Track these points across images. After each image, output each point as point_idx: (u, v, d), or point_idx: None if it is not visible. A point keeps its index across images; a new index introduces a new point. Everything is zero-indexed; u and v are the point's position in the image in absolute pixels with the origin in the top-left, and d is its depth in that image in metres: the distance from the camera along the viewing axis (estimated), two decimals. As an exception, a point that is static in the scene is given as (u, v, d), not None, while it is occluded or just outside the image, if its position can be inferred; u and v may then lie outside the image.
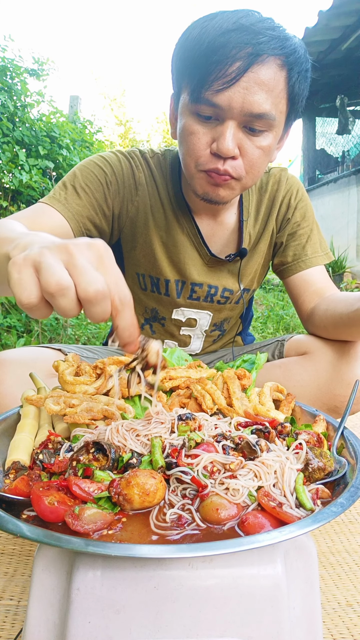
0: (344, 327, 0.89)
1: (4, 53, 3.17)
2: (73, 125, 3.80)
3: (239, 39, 0.74)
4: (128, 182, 0.99)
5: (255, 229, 1.07)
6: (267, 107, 0.78)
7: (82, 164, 0.98)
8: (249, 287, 1.12)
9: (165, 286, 1.05)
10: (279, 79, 0.78)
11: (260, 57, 0.75)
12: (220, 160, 0.82)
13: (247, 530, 0.45)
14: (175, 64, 0.85)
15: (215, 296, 1.07)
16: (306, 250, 1.06)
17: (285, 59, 0.77)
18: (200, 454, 0.51)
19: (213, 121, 0.80)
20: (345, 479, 0.53)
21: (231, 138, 0.79)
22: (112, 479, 0.49)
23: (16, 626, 0.67)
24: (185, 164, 0.88)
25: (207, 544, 0.41)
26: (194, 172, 0.87)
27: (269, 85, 0.77)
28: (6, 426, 0.67)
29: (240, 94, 0.76)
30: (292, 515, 0.45)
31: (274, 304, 3.90)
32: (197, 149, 0.83)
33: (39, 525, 0.44)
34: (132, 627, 0.42)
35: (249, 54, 0.74)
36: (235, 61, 0.74)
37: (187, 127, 0.83)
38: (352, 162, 6.35)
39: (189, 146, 0.84)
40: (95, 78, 13.99)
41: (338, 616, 0.70)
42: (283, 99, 0.81)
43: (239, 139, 0.81)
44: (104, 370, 0.74)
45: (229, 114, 0.78)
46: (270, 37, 0.75)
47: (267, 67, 0.76)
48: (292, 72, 0.79)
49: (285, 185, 1.06)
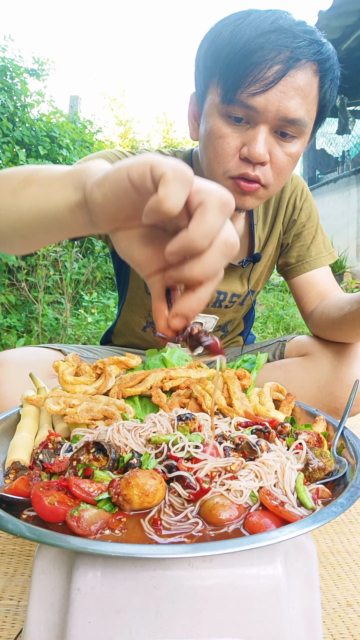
0: (337, 331, 0.91)
1: (4, 53, 3.17)
2: (73, 125, 3.80)
3: (278, 42, 0.72)
4: None
5: (264, 232, 1.06)
6: (301, 113, 0.76)
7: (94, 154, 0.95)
8: (254, 288, 1.12)
9: None
10: (313, 85, 0.77)
11: (299, 62, 0.73)
12: (250, 166, 0.79)
13: (252, 529, 0.45)
14: (204, 63, 0.81)
15: (224, 302, 1.07)
16: (310, 252, 1.05)
17: (320, 65, 0.76)
18: (202, 459, 0.51)
19: (244, 125, 0.78)
20: (346, 478, 0.54)
21: (263, 143, 0.77)
22: (112, 479, 0.49)
23: (16, 626, 0.67)
24: (211, 169, 0.84)
25: (207, 544, 0.41)
26: (220, 180, 0.82)
27: (305, 91, 0.76)
28: (6, 426, 0.67)
29: (277, 98, 0.74)
30: (295, 514, 0.45)
31: (274, 304, 3.90)
32: (226, 154, 0.80)
33: (39, 525, 0.44)
34: (132, 627, 0.42)
35: (289, 58, 0.72)
36: (275, 64, 0.72)
37: (215, 129, 0.80)
38: (352, 162, 6.35)
39: (217, 150, 0.80)
40: (95, 78, 13.99)
41: (338, 616, 0.70)
42: (314, 106, 0.80)
43: (270, 144, 0.79)
44: (104, 370, 0.74)
45: (262, 117, 0.76)
46: (309, 42, 0.74)
47: (304, 73, 0.75)
48: (325, 79, 0.78)
49: (290, 186, 1.05)
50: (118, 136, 10.32)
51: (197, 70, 0.84)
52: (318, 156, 7.49)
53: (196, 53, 0.83)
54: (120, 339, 1.18)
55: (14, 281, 2.66)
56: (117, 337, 1.19)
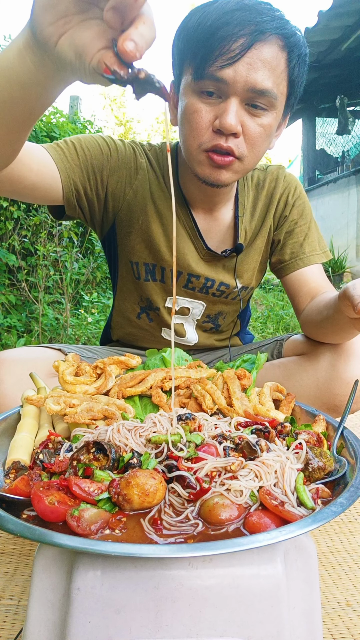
0: (321, 334, 0.93)
1: (4, 53, 3.16)
2: (73, 126, 3.80)
3: (243, 17, 0.76)
4: (128, 164, 0.98)
5: (251, 225, 1.06)
6: (269, 84, 0.80)
7: (87, 135, 0.97)
8: (247, 284, 1.12)
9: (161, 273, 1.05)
10: (280, 59, 0.80)
11: (264, 35, 0.77)
12: (222, 137, 0.82)
13: (252, 529, 0.45)
14: (177, 48, 0.86)
15: (211, 289, 1.07)
16: (304, 249, 1.05)
17: (285, 40, 0.80)
18: (202, 459, 0.51)
19: (215, 99, 0.81)
20: (345, 478, 0.54)
21: (234, 114, 0.80)
22: (112, 479, 0.49)
23: (16, 626, 0.67)
24: (187, 145, 0.87)
25: (207, 544, 0.41)
26: (196, 154, 0.86)
27: (272, 64, 0.79)
28: (6, 426, 0.67)
29: (244, 69, 0.77)
30: (295, 513, 0.45)
31: (274, 304, 3.90)
32: (200, 127, 0.83)
33: (39, 525, 0.44)
34: (132, 626, 0.42)
35: (253, 31, 0.76)
36: (239, 37, 0.76)
37: (189, 106, 0.83)
38: (352, 162, 6.35)
39: (191, 125, 0.84)
40: (95, 78, 13.95)
41: (338, 616, 0.70)
42: (284, 80, 0.83)
43: (241, 115, 0.81)
44: (104, 370, 0.74)
45: (232, 89, 0.79)
46: (273, 17, 0.78)
47: (270, 46, 0.78)
48: (292, 54, 0.81)
49: (283, 183, 1.06)
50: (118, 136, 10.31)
51: (172, 57, 0.88)
52: (318, 156, 7.49)
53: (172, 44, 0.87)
54: (118, 330, 1.18)
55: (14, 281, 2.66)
56: (115, 330, 1.19)
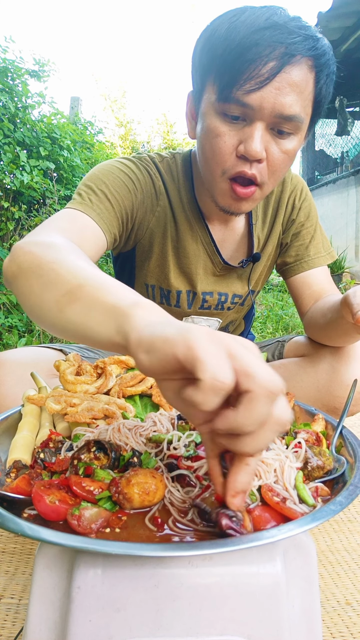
0: (325, 337, 0.93)
1: (5, 54, 3.18)
2: (74, 127, 3.81)
3: (273, 38, 0.71)
4: (151, 192, 0.95)
5: (263, 232, 1.06)
6: (297, 109, 0.76)
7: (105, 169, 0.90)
8: (255, 288, 1.12)
9: (176, 298, 1.02)
10: (308, 81, 0.76)
11: (294, 58, 0.73)
12: (247, 164, 0.79)
13: (253, 525, 0.45)
14: (200, 61, 0.80)
15: (226, 303, 1.06)
16: (309, 251, 1.04)
17: (315, 60, 0.76)
18: (202, 457, 0.52)
19: (240, 122, 0.78)
20: (344, 477, 0.54)
21: (260, 140, 0.77)
22: (112, 478, 0.49)
23: (17, 625, 0.67)
24: (209, 168, 0.84)
25: (206, 542, 0.42)
26: (218, 180, 0.83)
27: (300, 87, 0.75)
28: (7, 425, 0.67)
29: (272, 95, 0.74)
30: (296, 510, 0.46)
31: (274, 304, 3.90)
32: (223, 152, 0.79)
33: (40, 523, 0.44)
34: (133, 625, 0.42)
35: (283, 54, 0.72)
36: (269, 61, 0.72)
37: (212, 128, 0.79)
38: (351, 163, 6.35)
39: (214, 149, 0.80)
40: (96, 79, 13.97)
41: (337, 615, 0.71)
42: (310, 102, 0.79)
43: (266, 141, 0.78)
44: (105, 369, 0.75)
45: (258, 114, 0.75)
46: (304, 37, 0.73)
47: (299, 69, 0.74)
48: (321, 74, 0.77)
49: (289, 186, 1.04)
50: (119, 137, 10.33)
51: (193, 68, 0.84)
52: (317, 157, 7.50)
53: (193, 51, 0.83)
54: None
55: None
56: None
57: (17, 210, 2.76)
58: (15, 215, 2.74)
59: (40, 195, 3.32)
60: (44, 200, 3.32)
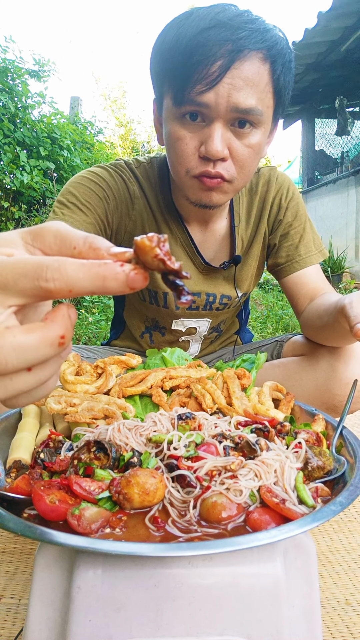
0: (322, 338, 0.93)
1: (5, 54, 3.18)
2: (74, 127, 3.81)
3: (218, 36, 0.71)
4: (124, 197, 0.96)
5: (247, 232, 1.05)
6: (252, 103, 0.76)
7: (75, 182, 0.94)
8: (246, 291, 1.11)
9: (163, 299, 1.03)
10: (262, 73, 0.76)
11: (242, 53, 0.73)
12: (210, 163, 0.79)
13: (252, 526, 0.45)
14: (154, 68, 0.82)
15: (214, 304, 1.06)
16: (299, 251, 1.03)
17: (267, 52, 0.75)
18: (202, 458, 0.52)
19: (199, 123, 0.78)
20: (344, 477, 0.54)
21: (219, 139, 0.76)
22: (112, 478, 0.49)
23: (17, 625, 0.67)
24: (175, 171, 0.85)
25: (207, 543, 0.42)
26: (185, 180, 0.84)
27: (254, 80, 0.75)
28: (7, 425, 0.67)
29: (225, 91, 0.74)
30: (296, 511, 0.46)
31: (273, 304, 3.90)
32: (186, 155, 0.80)
33: (40, 523, 0.44)
34: (133, 625, 0.42)
35: (230, 51, 0.72)
36: (217, 60, 0.72)
37: (173, 132, 0.80)
38: (351, 163, 6.36)
39: (177, 152, 0.81)
40: (96, 79, 14.00)
41: (337, 614, 0.71)
42: (269, 93, 0.79)
43: (228, 139, 0.78)
44: (105, 369, 0.75)
45: (215, 113, 0.76)
46: (250, 31, 0.73)
47: (250, 62, 0.74)
48: (276, 64, 0.77)
49: (275, 185, 1.03)
50: (119, 137, 10.34)
51: (151, 77, 0.85)
52: (317, 157, 7.50)
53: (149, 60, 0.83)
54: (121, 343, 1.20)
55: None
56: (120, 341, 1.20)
57: (17, 210, 2.76)
58: (15, 215, 2.74)
59: (40, 195, 3.32)
60: (44, 200, 3.33)
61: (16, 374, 0.30)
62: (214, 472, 0.51)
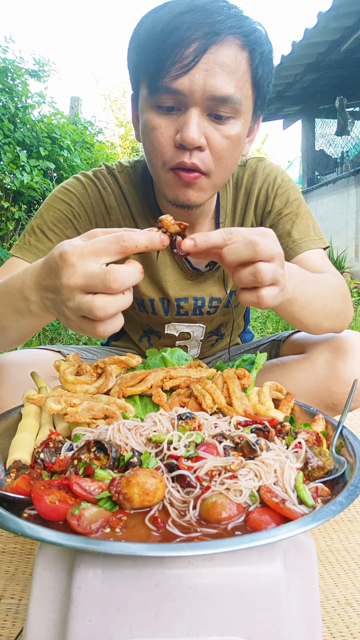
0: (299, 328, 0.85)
1: (5, 54, 3.18)
2: (74, 127, 3.81)
3: (194, 19, 0.68)
4: (98, 209, 0.94)
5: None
6: (230, 90, 0.72)
7: (46, 202, 0.94)
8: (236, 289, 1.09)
9: (151, 306, 1.02)
10: (240, 60, 0.73)
11: (219, 37, 0.69)
12: (186, 153, 0.75)
13: (252, 526, 0.45)
14: (130, 60, 0.79)
15: (204, 307, 1.03)
16: (293, 236, 0.94)
17: (244, 38, 0.72)
18: (202, 458, 0.52)
19: (175, 112, 0.74)
20: (345, 477, 0.54)
21: (195, 126, 0.72)
22: (112, 478, 0.49)
23: (17, 625, 0.67)
24: (151, 164, 0.81)
25: (206, 543, 0.42)
26: (161, 173, 0.80)
27: (231, 67, 0.71)
28: (7, 425, 0.67)
29: (201, 77, 0.70)
30: (296, 511, 0.46)
31: (274, 305, 3.90)
32: (161, 144, 0.76)
33: (40, 523, 0.44)
34: (133, 625, 0.42)
35: (206, 34, 0.69)
36: (192, 42, 0.69)
37: (148, 122, 0.77)
38: (351, 163, 6.36)
39: (152, 142, 0.77)
40: (96, 79, 14.01)
41: (337, 614, 0.71)
42: (247, 83, 0.75)
43: (204, 127, 0.74)
44: (105, 369, 0.75)
45: (191, 100, 0.72)
46: (227, 16, 0.70)
47: (227, 47, 0.71)
48: (254, 53, 0.74)
49: (261, 176, 0.97)
50: (119, 137, 10.33)
51: (128, 69, 0.82)
52: (317, 157, 7.50)
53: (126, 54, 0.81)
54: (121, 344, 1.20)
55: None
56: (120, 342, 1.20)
57: (17, 210, 2.76)
58: (15, 215, 2.74)
59: (40, 195, 3.32)
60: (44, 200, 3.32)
61: (119, 294, 0.50)
62: (214, 472, 0.51)
